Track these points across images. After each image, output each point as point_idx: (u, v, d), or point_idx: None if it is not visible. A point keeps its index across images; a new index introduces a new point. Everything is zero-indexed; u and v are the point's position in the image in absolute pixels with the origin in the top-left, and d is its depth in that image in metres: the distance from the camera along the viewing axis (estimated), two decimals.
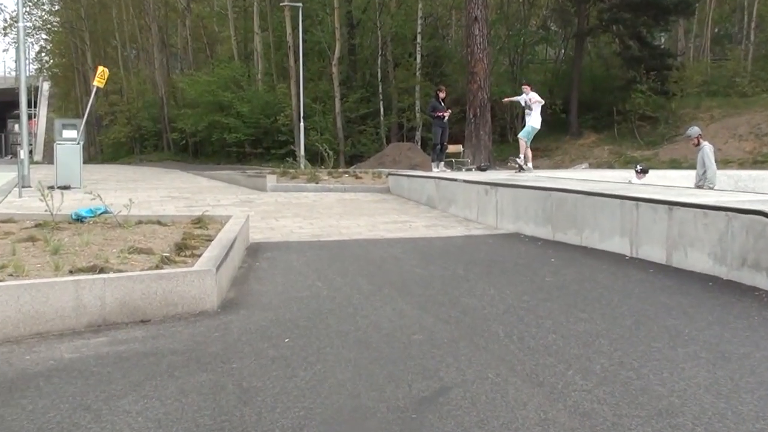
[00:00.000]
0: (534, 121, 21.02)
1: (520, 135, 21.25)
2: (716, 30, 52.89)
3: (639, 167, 21.14)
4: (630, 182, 19.36)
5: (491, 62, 38.25)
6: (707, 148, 16.54)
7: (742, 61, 46.35)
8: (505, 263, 9.92)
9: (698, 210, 8.79)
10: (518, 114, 42.84)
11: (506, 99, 24.61)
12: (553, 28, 51.89)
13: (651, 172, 21.79)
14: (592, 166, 33.60)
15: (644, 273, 8.85)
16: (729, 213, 8.30)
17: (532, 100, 20.83)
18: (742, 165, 31.68)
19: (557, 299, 7.46)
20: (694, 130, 16.71)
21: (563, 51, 49.84)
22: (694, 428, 4.21)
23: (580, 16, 42.34)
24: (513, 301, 7.35)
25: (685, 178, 21.22)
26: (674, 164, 32.54)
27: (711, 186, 15.92)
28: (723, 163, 31.46)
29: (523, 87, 21.59)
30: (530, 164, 21.24)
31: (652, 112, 39.14)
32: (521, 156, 21.00)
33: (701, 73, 45.21)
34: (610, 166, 33.19)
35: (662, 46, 46.02)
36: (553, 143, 39.80)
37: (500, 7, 49.98)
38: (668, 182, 19.03)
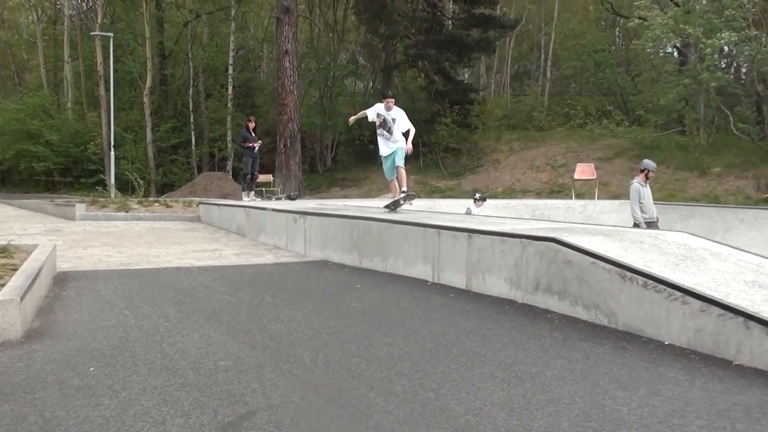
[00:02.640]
0: (403, 141, 14.88)
1: (399, 163, 14.75)
2: (516, 67, 54.98)
3: (478, 195, 21.52)
4: (468, 211, 19.70)
5: (301, 94, 38.51)
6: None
7: (539, 96, 48.37)
8: (312, 290, 9.93)
9: (496, 237, 9.07)
10: (328, 145, 43.14)
11: (353, 118, 16.08)
12: (361, 62, 52.59)
13: (455, 201, 22.28)
14: None
15: (445, 298, 9.05)
16: (524, 240, 8.60)
17: (396, 122, 14.72)
18: (539, 194, 32.93)
19: (362, 324, 7.54)
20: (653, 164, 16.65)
21: (371, 84, 50.56)
22: None
23: (387, 51, 43.03)
24: (319, 327, 7.38)
25: (486, 206, 21.79)
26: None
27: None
28: (522, 192, 32.68)
29: (387, 100, 14.84)
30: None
31: (455, 144, 40.15)
32: (405, 187, 14.94)
33: (502, 108, 46.88)
34: (416, 196, 33.81)
35: (465, 82, 47.29)
36: (361, 173, 40.26)
37: (310, 41, 50.33)
38: (455, 209, 19.53)
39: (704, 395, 5.41)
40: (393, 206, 14.93)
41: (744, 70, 36.90)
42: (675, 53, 44.57)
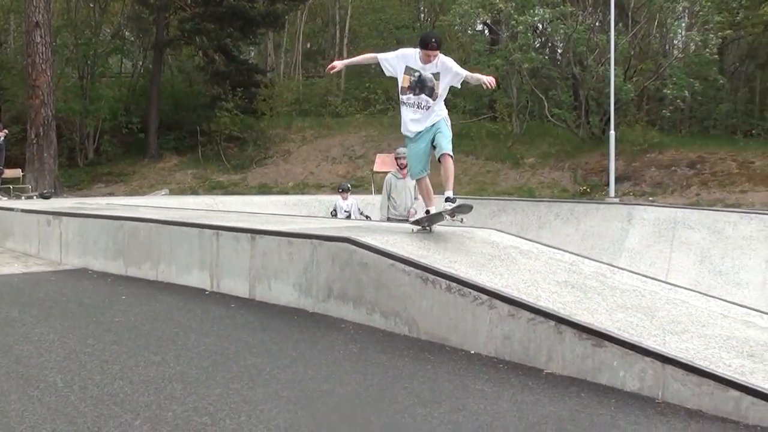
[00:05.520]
0: (445, 111, 9.79)
1: (446, 148, 9.43)
2: (308, 45, 55.11)
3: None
4: (336, 209, 19.59)
5: (56, 74, 37.32)
6: None
7: (335, 78, 48.59)
8: (68, 303, 9.67)
9: (283, 238, 9.10)
10: (89, 134, 42.01)
11: (342, 63, 10.59)
12: (129, 37, 51.48)
13: (239, 198, 22.19)
14: (173, 192, 33.62)
15: (225, 308, 9.01)
16: (315, 241, 8.66)
17: (442, 81, 9.47)
18: (335, 190, 33.10)
19: (127, 341, 7.42)
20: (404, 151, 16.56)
21: (141, 63, 49.55)
22: None
23: (159, 25, 42.26)
24: (76, 346, 7.20)
25: (274, 204, 21.77)
26: (264, 189, 33.41)
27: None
28: (316, 187, 32.87)
29: (425, 51, 9.29)
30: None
31: (239, 133, 39.73)
32: (451, 192, 9.27)
33: (292, 91, 46.71)
34: (194, 192, 33.43)
35: (251, 61, 47.00)
36: (129, 167, 39.39)
37: (67, 12, 48.67)
38: (257, 208, 19.48)
39: (512, 408, 5.63)
40: (429, 223, 9.66)
41: (559, 51, 38.35)
42: (485, 31, 45.86)
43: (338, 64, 10.15)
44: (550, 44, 39.48)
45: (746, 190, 28.94)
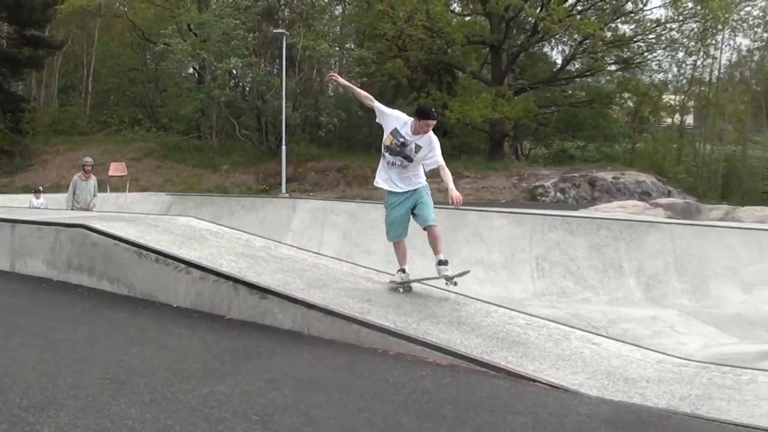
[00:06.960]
0: (424, 177, 7.48)
1: (429, 219, 7.13)
2: (63, 81, 52.08)
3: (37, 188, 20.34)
4: (31, 204, 18.50)
5: None
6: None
7: (83, 106, 46.77)
8: None
9: (34, 226, 8.72)
10: None
11: (342, 81, 8.39)
12: None
13: (5, 196, 20.82)
14: None
15: None
16: (58, 227, 8.35)
17: (421, 153, 7.22)
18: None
19: None
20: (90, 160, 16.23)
21: None
22: (21, 402, 4.21)
23: None
24: None
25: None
26: (27, 189, 31.54)
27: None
28: (67, 188, 31.31)
29: (424, 122, 7.07)
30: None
31: (9, 147, 37.72)
32: (442, 255, 7.14)
33: (50, 116, 44.95)
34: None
35: (19, 93, 44.16)
36: None
37: None
38: (20, 204, 18.38)
39: (201, 344, 5.73)
40: (409, 284, 7.42)
41: (248, 89, 38.55)
42: (195, 73, 45.35)
43: (339, 80, 8.21)
44: (241, 84, 39.56)
45: (376, 187, 30.41)
